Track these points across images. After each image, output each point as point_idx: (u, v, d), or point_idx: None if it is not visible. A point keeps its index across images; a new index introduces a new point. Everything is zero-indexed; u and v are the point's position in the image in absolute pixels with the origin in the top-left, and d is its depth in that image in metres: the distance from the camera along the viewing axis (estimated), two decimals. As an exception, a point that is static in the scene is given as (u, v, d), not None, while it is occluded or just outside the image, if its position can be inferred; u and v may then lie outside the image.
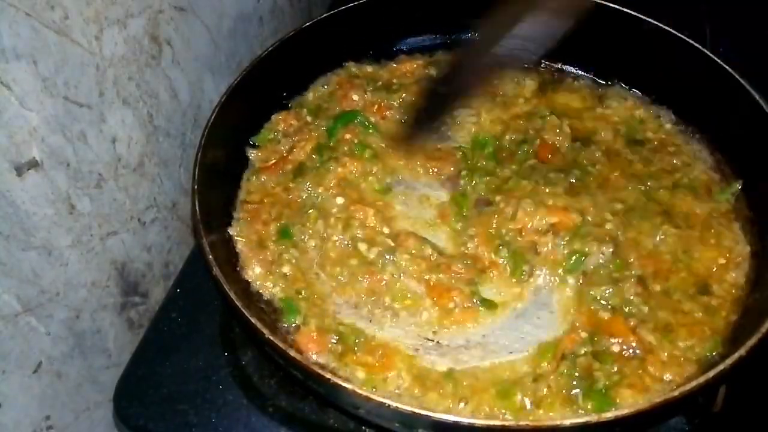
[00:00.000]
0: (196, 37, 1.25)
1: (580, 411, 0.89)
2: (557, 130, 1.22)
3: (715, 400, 0.97)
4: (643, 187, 1.14)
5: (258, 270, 1.05)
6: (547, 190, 1.12)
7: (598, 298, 1.00)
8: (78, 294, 1.02)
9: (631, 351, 0.94)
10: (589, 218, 1.08)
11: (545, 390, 0.91)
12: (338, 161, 1.16)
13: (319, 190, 1.14)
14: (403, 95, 1.27)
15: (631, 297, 0.99)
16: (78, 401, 1.06)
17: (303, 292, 1.03)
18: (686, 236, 1.07)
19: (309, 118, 1.26)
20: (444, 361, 0.96)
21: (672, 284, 1.02)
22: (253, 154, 1.22)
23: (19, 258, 0.89)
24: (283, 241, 1.08)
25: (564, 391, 0.91)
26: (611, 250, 1.03)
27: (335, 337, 0.97)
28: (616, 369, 0.92)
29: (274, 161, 1.20)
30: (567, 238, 1.05)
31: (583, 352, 0.94)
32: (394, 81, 1.32)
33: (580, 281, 1.03)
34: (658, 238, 1.06)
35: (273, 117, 1.26)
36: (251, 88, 1.20)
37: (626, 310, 0.99)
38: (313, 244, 1.08)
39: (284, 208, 1.12)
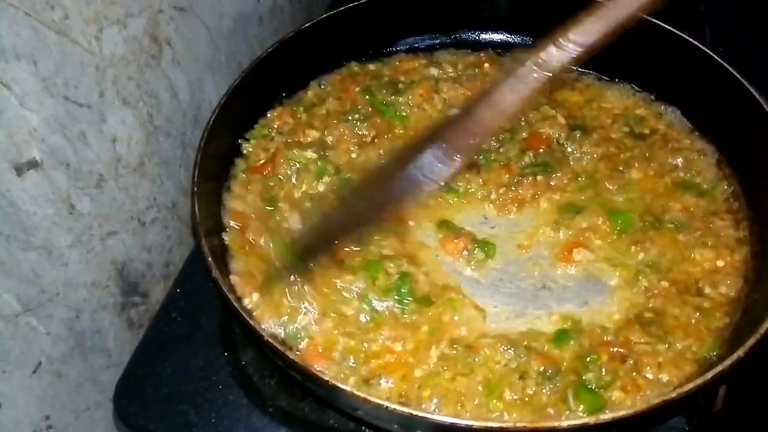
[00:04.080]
0: (196, 37, 1.25)
1: (569, 412, 0.88)
2: (550, 122, 1.21)
3: (715, 400, 0.97)
4: (648, 187, 1.14)
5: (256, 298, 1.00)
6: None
7: None
8: (78, 294, 1.02)
9: (619, 353, 0.93)
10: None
11: (534, 388, 0.91)
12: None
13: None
14: (410, 96, 1.27)
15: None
16: (78, 401, 1.06)
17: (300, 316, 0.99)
18: (686, 240, 1.07)
19: (305, 117, 1.25)
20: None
21: (668, 286, 1.01)
22: (245, 149, 1.20)
23: (19, 258, 0.89)
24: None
25: (550, 390, 0.91)
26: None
27: (339, 352, 0.95)
28: (607, 371, 0.91)
29: (262, 162, 1.18)
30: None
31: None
32: (401, 78, 1.32)
33: None
34: (660, 247, 1.06)
35: (269, 113, 1.25)
36: (251, 89, 1.19)
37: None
38: None
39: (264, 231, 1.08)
